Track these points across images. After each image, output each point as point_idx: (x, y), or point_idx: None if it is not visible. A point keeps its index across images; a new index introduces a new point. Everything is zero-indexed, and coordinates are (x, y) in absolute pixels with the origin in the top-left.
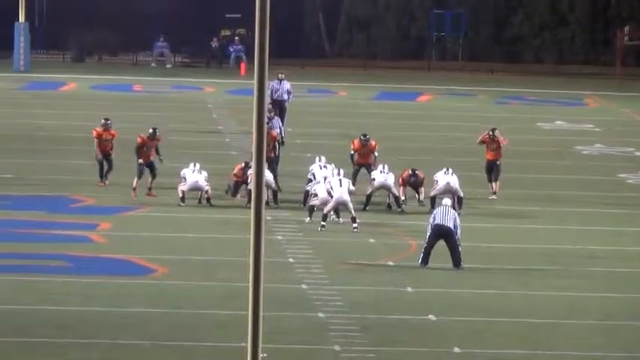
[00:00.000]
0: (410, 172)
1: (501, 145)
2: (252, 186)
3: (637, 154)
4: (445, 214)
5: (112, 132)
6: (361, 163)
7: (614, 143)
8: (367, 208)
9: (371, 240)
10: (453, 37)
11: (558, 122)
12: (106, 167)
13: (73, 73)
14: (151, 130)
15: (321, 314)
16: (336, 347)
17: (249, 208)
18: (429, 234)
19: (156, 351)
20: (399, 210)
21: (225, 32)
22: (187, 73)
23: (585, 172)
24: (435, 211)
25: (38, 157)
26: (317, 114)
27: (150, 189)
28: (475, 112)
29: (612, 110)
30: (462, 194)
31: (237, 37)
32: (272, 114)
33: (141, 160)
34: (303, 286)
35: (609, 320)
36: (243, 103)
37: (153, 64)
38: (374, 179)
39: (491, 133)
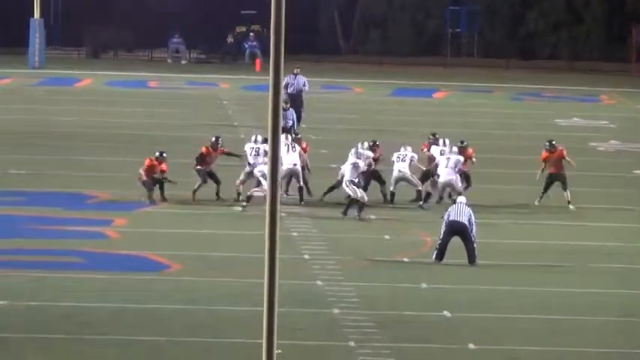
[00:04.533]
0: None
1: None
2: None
3: None
4: (460, 211)
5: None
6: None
7: (630, 140)
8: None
9: (386, 236)
10: (468, 34)
11: (575, 119)
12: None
13: (89, 70)
14: (213, 139)
15: (336, 310)
16: (351, 343)
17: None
18: (443, 230)
19: (171, 347)
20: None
21: (241, 29)
22: (202, 69)
23: (601, 169)
24: (449, 208)
25: (53, 153)
26: (332, 110)
27: (217, 194)
28: (491, 109)
29: (628, 107)
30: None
31: (252, 34)
32: (287, 105)
33: (199, 167)
34: (319, 283)
35: (628, 317)
36: (259, 99)
37: (168, 61)
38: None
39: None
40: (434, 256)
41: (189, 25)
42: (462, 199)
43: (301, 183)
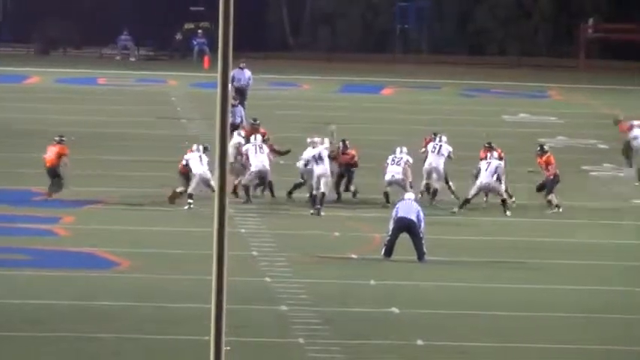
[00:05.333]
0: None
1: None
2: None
3: (600, 146)
4: (408, 207)
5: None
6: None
7: (577, 135)
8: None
9: (335, 233)
10: (417, 30)
11: (522, 115)
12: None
13: (38, 67)
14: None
15: (284, 307)
16: (300, 340)
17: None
18: (391, 227)
19: (121, 344)
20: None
21: (189, 26)
22: (151, 66)
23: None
24: (398, 204)
25: (1, 150)
26: (280, 107)
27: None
28: (439, 105)
29: (575, 103)
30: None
31: (200, 31)
32: (236, 102)
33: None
34: (267, 279)
35: (575, 313)
36: (207, 96)
37: (117, 58)
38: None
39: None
40: (382, 253)
41: (138, 23)
42: (409, 195)
43: (269, 178)
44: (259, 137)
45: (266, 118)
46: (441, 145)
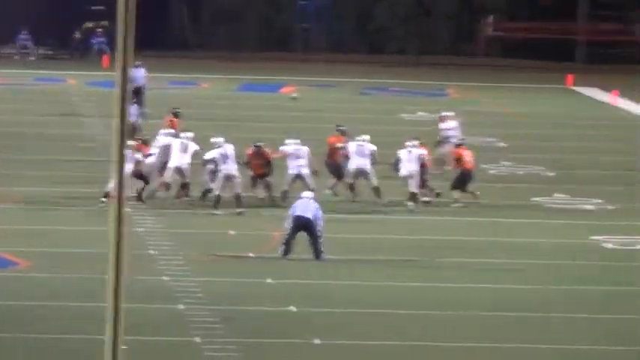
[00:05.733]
0: None
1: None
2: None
3: (499, 144)
4: (306, 206)
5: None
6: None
7: (477, 134)
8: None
9: (232, 232)
10: (317, 28)
11: (420, 113)
12: None
13: None
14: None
15: (181, 306)
16: (197, 339)
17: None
18: (289, 225)
19: (17, 344)
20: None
21: (88, 24)
22: (50, 65)
23: (447, 163)
24: (295, 203)
25: None
26: (179, 106)
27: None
28: (339, 104)
29: (474, 101)
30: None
31: (99, 29)
32: (133, 100)
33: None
34: (164, 278)
35: (472, 310)
36: (106, 94)
37: (16, 57)
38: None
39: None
40: (280, 251)
41: (37, 22)
42: (307, 194)
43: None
44: (190, 134)
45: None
46: (364, 146)
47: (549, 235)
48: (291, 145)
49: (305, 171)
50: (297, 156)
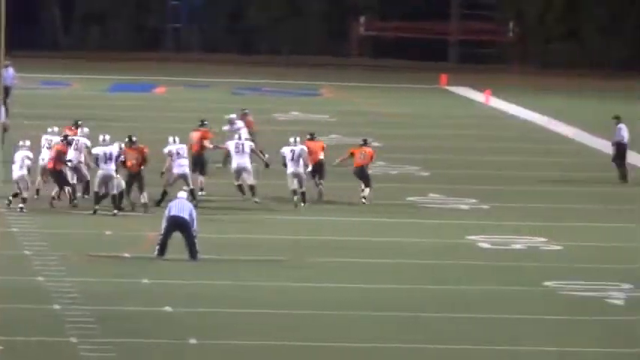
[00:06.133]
0: None
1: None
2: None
3: (373, 144)
4: (181, 206)
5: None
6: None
7: (350, 133)
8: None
9: (107, 232)
10: (188, 28)
11: (294, 113)
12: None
13: None
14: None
15: (57, 306)
16: (73, 339)
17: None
18: (164, 225)
19: None
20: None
21: None
22: None
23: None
24: (170, 203)
25: None
26: (50, 106)
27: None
28: (211, 104)
29: (347, 100)
30: None
31: None
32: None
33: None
34: (40, 278)
35: (347, 310)
36: None
37: None
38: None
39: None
40: (156, 252)
41: None
42: (182, 194)
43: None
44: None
45: (37, 118)
46: (243, 144)
47: (425, 234)
48: (174, 145)
49: (188, 170)
50: (180, 155)
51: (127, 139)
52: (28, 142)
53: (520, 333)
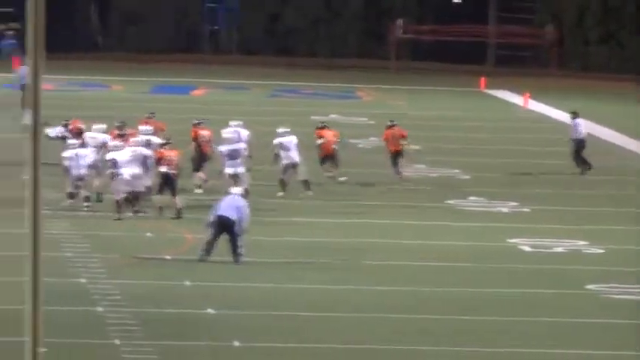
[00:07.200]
0: None
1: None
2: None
3: (413, 147)
4: (230, 204)
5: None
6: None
7: None
8: None
9: (148, 234)
10: (226, 30)
11: (332, 115)
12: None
13: None
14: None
15: (100, 308)
16: (116, 341)
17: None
18: (211, 225)
19: None
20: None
21: None
22: None
23: (362, 166)
24: (220, 202)
25: None
26: (91, 108)
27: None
28: (249, 106)
29: (386, 104)
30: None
31: (10, 31)
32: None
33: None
34: (82, 280)
35: (391, 313)
36: (16, 96)
37: None
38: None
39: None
40: (202, 252)
41: None
42: (236, 189)
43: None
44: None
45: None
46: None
47: (466, 238)
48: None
49: (241, 170)
50: (233, 156)
51: (162, 141)
52: (78, 140)
53: (562, 336)
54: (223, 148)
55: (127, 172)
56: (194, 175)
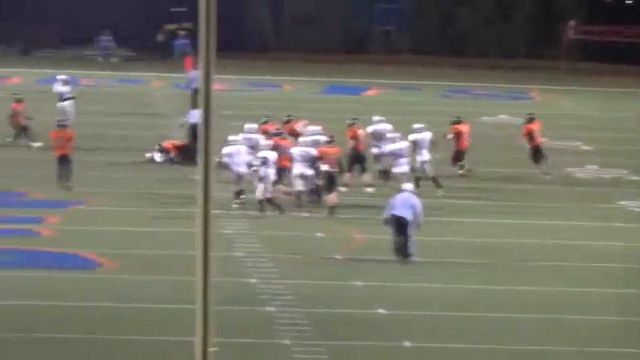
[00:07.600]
0: None
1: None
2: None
3: (583, 147)
4: (404, 201)
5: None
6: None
7: (560, 137)
8: None
9: (318, 234)
10: (397, 31)
11: (502, 116)
12: None
13: (19, 67)
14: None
15: (270, 308)
16: (286, 341)
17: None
18: (387, 223)
19: (104, 346)
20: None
21: (170, 27)
22: (132, 67)
23: (531, 167)
24: (392, 200)
25: None
26: (263, 108)
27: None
28: (421, 107)
29: (557, 104)
30: None
31: (182, 31)
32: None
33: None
34: (252, 280)
35: (556, 314)
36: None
37: (99, 58)
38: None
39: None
40: (395, 254)
41: (118, 23)
42: (408, 186)
43: None
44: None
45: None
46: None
47: (637, 239)
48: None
49: (406, 169)
50: (400, 155)
51: (326, 139)
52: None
53: None
54: (389, 148)
55: (296, 171)
56: (346, 174)
